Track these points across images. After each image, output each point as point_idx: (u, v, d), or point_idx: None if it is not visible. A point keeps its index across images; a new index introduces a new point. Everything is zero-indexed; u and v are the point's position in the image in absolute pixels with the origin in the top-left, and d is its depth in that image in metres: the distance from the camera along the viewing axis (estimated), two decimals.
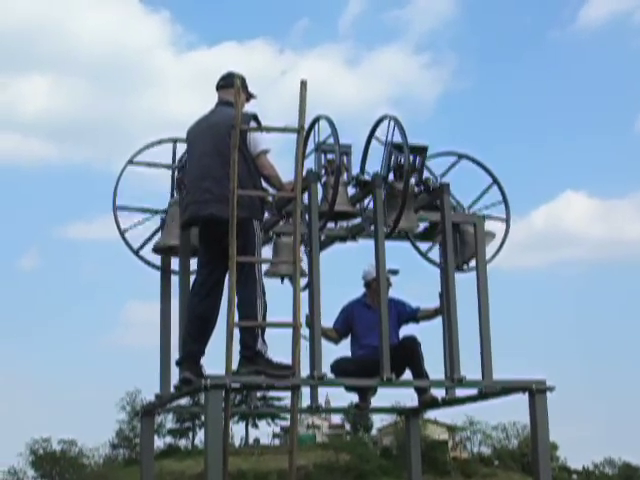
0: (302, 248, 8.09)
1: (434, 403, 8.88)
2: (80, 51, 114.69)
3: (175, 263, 8.70)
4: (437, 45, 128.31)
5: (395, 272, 8.94)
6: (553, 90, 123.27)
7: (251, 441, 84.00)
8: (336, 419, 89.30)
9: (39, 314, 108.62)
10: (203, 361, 7.63)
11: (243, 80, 7.85)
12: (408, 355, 8.56)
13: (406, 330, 9.21)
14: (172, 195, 8.89)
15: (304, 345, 7.45)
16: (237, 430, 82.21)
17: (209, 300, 7.58)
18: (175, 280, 8.62)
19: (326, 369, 7.91)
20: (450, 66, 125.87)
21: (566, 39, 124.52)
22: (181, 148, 8.92)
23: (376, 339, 8.68)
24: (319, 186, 7.97)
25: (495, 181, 8.94)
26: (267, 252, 8.82)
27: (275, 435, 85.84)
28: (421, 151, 8.23)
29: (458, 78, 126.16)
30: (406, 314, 9.13)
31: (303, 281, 8.06)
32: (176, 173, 8.86)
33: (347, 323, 9.29)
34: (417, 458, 9.47)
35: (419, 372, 8.69)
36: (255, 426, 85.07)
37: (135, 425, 71.89)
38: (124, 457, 78.15)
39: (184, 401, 8.98)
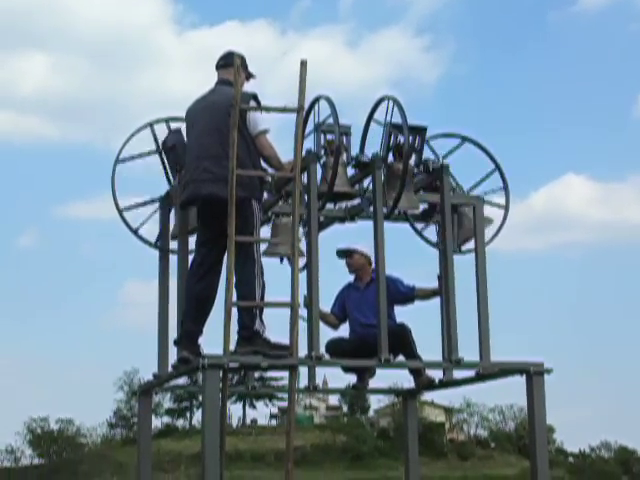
0: (300, 228, 8.09)
1: (431, 384, 8.88)
2: (81, 29, 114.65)
3: (173, 242, 8.68)
4: (437, 27, 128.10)
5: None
6: (554, 72, 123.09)
7: (248, 421, 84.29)
8: (333, 400, 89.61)
9: (37, 293, 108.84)
10: (201, 341, 7.64)
11: (243, 59, 7.82)
12: (399, 343, 8.51)
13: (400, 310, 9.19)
14: (167, 178, 8.83)
15: (302, 325, 7.46)
16: (235, 410, 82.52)
17: (207, 280, 7.57)
18: (174, 260, 8.61)
19: (324, 349, 7.91)
20: (450, 48, 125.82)
21: (566, 21, 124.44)
22: (161, 130, 8.88)
23: (363, 317, 8.82)
24: (318, 166, 7.95)
25: (497, 167, 8.89)
26: (265, 232, 8.82)
27: (272, 416, 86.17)
28: (420, 131, 8.21)
29: (458, 60, 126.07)
30: (401, 294, 9.02)
31: (301, 261, 8.06)
32: (164, 155, 8.79)
33: (342, 306, 9.30)
34: (414, 439, 9.48)
35: (412, 358, 8.67)
36: (253, 406, 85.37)
37: (133, 405, 72.09)
38: (122, 436, 78.37)
39: (182, 381, 8.98)
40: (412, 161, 8.17)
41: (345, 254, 9.22)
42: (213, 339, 7.49)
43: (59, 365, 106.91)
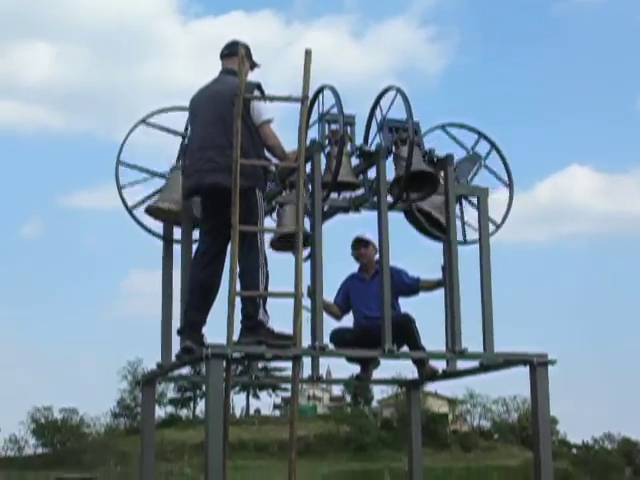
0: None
1: (435, 375, 8.88)
2: (84, 18, 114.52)
3: (177, 232, 8.67)
4: (442, 18, 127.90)
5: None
6: (558, 64, 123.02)
7: (252, 411, 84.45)
8: (337, 391, 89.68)
9: (41, 282, 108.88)
10: (204, 330, 7.63)
11: (247, 49, 7.80)
12: (403, 333, 8.50)
13: (404, 301, 9.18)
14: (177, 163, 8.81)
15: (306, 316, 7.45)
16: (238, 400, 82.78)
17: (211, 269, 7.56)
18: (177, 249, 8.59)
19: (327, 340, 7.90)
20: (455, 39, 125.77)
21: (570, 12, 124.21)
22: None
23: (368, 310, 8.77)
24: (322, 156, 7.94)
25: (507, 170, 8.86)
26: (270, 222, 8.81)
27: (276, 406, 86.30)
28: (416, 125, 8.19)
29: (463, 51, 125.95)
30: (406, 286, 9.03)
31: (305, 251, 8.04)
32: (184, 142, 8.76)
33: (346, 297, 9.29)
34: (417, 430, 9.47)
35: (416, 349, 8.65)
36: (256, 397, 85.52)
37: (136, 394, 72.15)
38: (125, 426, 78.52)
39: (185, 371, 8.97)
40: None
41: (363, 243, 9.19)
42: (216, 329, 7.48)
43: (63, 355, 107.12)
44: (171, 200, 8.49)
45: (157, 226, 8.82)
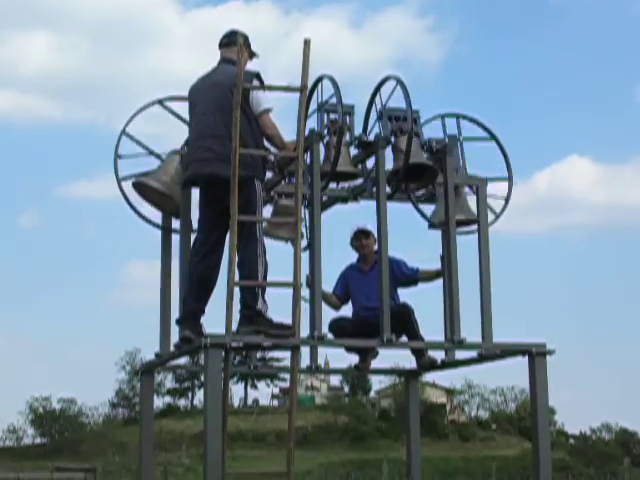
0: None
1: (433, 365, 8.87)
2: (83, 7, 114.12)
3: (176, 222, 8.65)
4: (441, 8, 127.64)
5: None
6: (557, 54, 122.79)
7: (250, 401, 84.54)
8: (335, 381, 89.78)
9: (40, 273, 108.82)
10: (203, 320, 7.63)
11: (246, 38, 7.80)
12: (401, 323, 8.49)
13: (403, 292, 9.17)
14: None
15: (304, 305, 7.45)
16: (236, 390, 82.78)
17: (210, 259, 7.56)
18: (176, 239, 8.58)
19: (326, 329, 7.90)
20: (454, 29, 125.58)
21: (569, 3, 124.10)
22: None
23: (367, 301, 8.75)
24: (321, 146, 7.92)
25: (504, 155, 8.84)
26: (268, 212, 8.79)
27: (274, 396, 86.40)
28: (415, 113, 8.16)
29: (462, 41, 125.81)
30: (405, 276, 9.03)
31: (304, 242, 8.04)
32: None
33: (345, 288, 9.28)
34: (416, 420, 9.48)
35: (414, 339, 8.64)
36: (254, 387, 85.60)
37: (135, 384, 72.18)
38: (123, 416, 78.56)
39: (184, 361, 8.97)
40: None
41: (364, 234, 9.16)
42: (215, 318, 7.48)
43: (61, 345, 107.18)
44: (159, 180, 8.41)
45: (156, 215, 8.80)
